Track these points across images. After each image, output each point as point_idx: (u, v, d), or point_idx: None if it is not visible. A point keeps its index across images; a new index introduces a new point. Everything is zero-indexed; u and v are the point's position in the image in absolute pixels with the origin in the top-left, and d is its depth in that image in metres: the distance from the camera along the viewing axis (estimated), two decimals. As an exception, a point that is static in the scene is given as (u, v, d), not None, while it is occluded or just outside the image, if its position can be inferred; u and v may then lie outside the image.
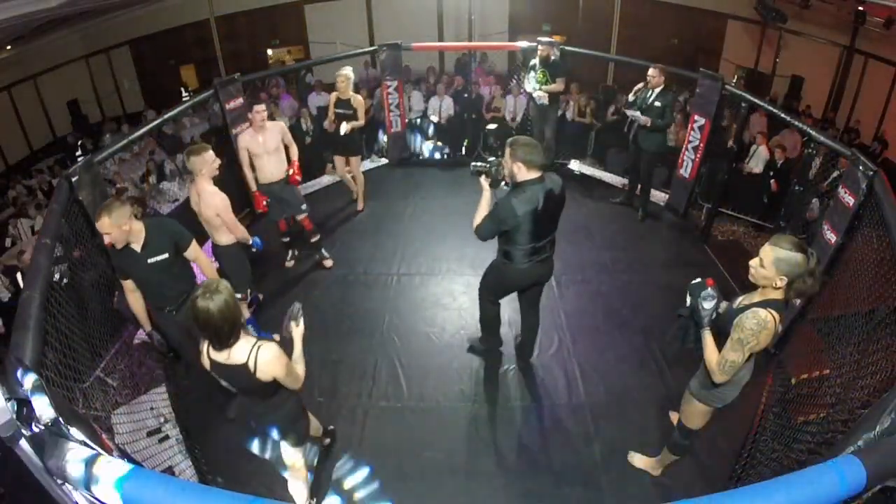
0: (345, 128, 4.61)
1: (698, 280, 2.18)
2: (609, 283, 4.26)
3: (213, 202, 3.12)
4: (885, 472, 1.27)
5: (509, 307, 3.95)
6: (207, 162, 3.08)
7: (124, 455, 1.98)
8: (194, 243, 2.82)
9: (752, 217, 5.28)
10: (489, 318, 3.37)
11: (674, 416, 2.88)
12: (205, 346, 1.98)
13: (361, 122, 4.78)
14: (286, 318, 2.16)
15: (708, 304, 2.09)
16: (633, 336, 3.71)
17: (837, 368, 2.95)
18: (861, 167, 2.90)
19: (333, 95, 4.76)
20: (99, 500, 1.29)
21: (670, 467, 2.76)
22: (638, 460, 2.85)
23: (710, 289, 2.10)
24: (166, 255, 2.71)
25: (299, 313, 2.15)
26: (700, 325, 2.13)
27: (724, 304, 2.18)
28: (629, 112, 4.85)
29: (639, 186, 5.18)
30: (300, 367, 2.12)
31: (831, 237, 3.08)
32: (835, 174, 4.83)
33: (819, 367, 3.10)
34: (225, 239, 3.34)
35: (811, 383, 3.06)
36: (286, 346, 2.08)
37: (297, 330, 2.14)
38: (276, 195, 4.06)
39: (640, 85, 4.83)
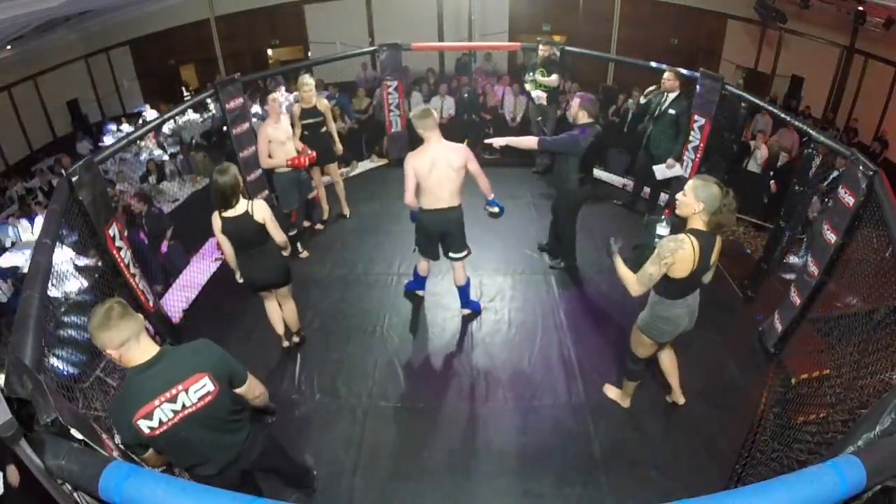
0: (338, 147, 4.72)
1: (656, 216, 2.43)
2: (609, 283, 4.25)
3: None
4: (885, 472, 1.27)
5: (509, 306, 3.96)
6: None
7: (124, 455, 1.98)
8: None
9: (752, 217, 5.28)
10: (571, 244, 4.21)
11: (608, 390, 3.24)
12: (216, 215, 2.80)
13: (333, 125, 4.73)
14: None
15: (663, 231, 2.40)
16: (633, 336, 3.71)
17: (837, 368, 2.95)
18: (861, 167, 2.89)
19: (297, 108, 4.51)
20: (99, 500, 1.29)
21: (633, 395, 3.10)
22: (611, 392, 3.21)
23: (664, 220, 2.43)
24: None
25: None
26: (647, 247, 2.45)
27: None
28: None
29: (643, 190, 5.19)
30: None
31: (831, 237, 3.08)
32: (834, 174, 4.82)
33: (819, 367, 3.11)
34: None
35: (811, 383, 3.06)
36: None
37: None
38: (297, 180, 4.38)
39: (653, 88, 4.81)
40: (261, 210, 2.86)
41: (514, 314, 3.91)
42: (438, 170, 3.19)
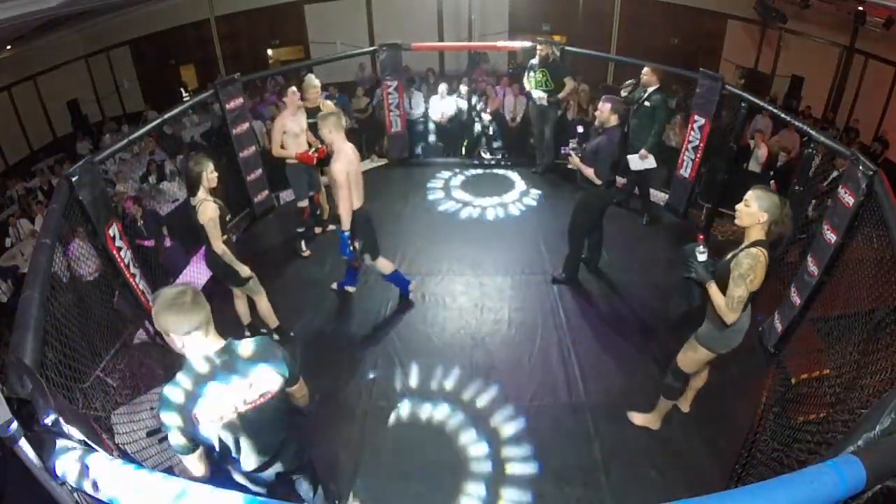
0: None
1: (691, 244, 2.46)
2: (609, 283, 4.25)
3: None
4: (885, 472, 1.27)
5: (509, 306, 3.96)
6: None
7: (124, 455, 1.98)
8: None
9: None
10: (578, 257, 4.12)
11: (633, 417, 3.05)
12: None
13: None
14: None
15: (702, 256, 2.39)
16: (633, 336, 3.71)
17: (837, 368, 2.95)
18: (861, 167, 2.89)
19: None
20: (99, 501, 1.29)
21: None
22: (638, 418, 3.03)
23: (701, 245, 2.43)
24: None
25: None
26: (703, 280, 2.37)
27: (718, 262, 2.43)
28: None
29: (635, 187, 5.20)
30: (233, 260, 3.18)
31: (831, 237, 3.08)
32: (834, 174, 4.82)
33: (819, 367, 3.10)
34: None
35: (811, 383, 3.06)
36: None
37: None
38: (308, 171, 4.40)
39: (630, 81, 4.87)
40: (204, 214, 3.02)
41: (514, 314, 3.91)
42: (358, 167, 3.46)
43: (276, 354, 1.76)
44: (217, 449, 1.74)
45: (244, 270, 3.26)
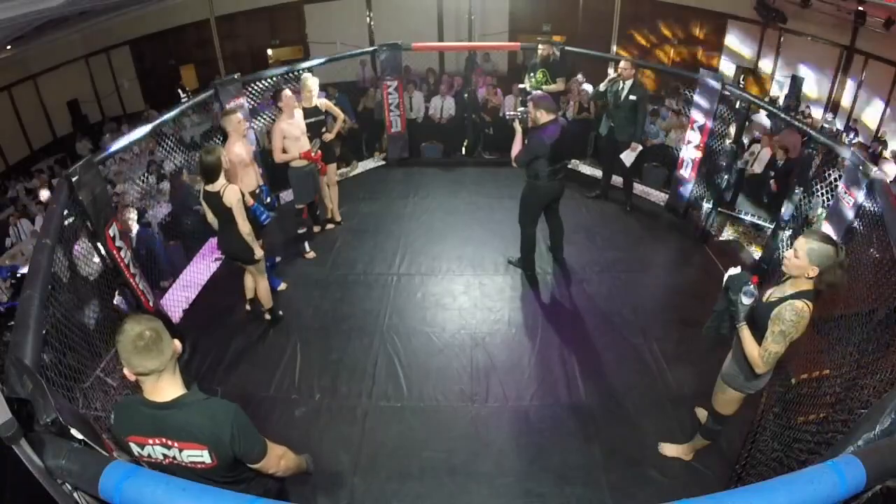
0: (329, 136, 4.59)
1: (738, 272, 2.27)
2: (609, 283, 4.26)
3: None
4: (885, 472, 1.27)
5: (509, 306, 3.97)
6: (233, 122, 3.83)
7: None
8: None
9: (751, 217, 5.28)
10: (530, 241, 4.18)
11: (700, 413, 2.96)
12: (202, 185, 3.24)
13: (342, 116, 4.75)
14: None
15: (747, 300, 2.19)
16: (633, 336, 3.71)
17: (837, 368, 2.94)
18: (861, 167, 2.90)
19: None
20: (99, 500, 1.29)
21: (700, 452, 2.84)
22: (669, 449, 2.90)
23: (752, 287, 2.20)
24: None
25: None
26: (736, 319, 2.22)
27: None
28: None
29: (612, 178, 5.35)
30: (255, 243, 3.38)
31: (831, 237, 3.08)
32: (835, 174, 4.81)
33: (819, 367, 3.10)
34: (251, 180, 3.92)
35: (811, 383, 3.06)
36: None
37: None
38: (311, 173, 4.41)
39: (613, 74, 4.94)
40: (230, 196, 3.17)
41: (514, 314, 3.91)
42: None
43: (222, 433, 1.56)
44: None
45: (258, 251, 3.44)
